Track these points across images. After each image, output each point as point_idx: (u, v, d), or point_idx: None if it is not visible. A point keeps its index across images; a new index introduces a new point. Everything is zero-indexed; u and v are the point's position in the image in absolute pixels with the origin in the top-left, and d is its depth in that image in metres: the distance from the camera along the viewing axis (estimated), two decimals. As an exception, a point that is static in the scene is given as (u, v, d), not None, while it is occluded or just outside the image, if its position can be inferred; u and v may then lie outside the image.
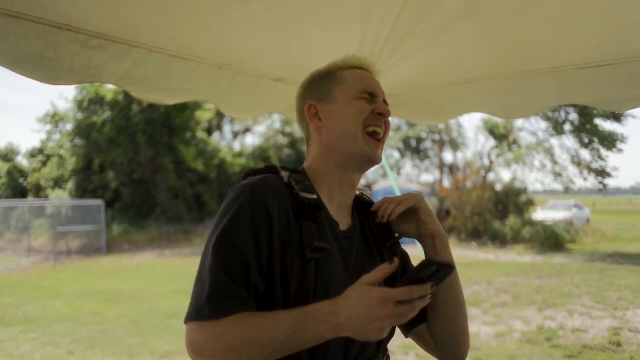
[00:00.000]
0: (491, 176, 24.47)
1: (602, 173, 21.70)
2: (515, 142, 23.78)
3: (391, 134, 28.84)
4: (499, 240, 19.92)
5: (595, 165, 21.77)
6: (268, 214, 1.19)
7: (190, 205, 23.43)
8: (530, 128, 29.06)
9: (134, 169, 22.93)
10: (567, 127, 21.78)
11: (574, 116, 21.23)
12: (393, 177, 4.46)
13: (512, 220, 21.02)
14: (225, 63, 2.68)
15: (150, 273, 13.79)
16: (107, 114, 22.26)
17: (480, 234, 20.83)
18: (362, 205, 1.51)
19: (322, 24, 2.39)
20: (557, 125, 21.94)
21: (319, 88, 1.44)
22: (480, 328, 7.27)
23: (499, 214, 22.42)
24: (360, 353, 1.31)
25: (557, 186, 23.65)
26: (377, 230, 1.47)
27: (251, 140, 34.96)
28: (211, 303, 1.10)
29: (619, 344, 6.57)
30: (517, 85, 2.97)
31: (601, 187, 22.02)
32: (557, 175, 22.95)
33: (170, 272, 13.70)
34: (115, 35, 2.17)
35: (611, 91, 2.70)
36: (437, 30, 2.46)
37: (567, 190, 22.98)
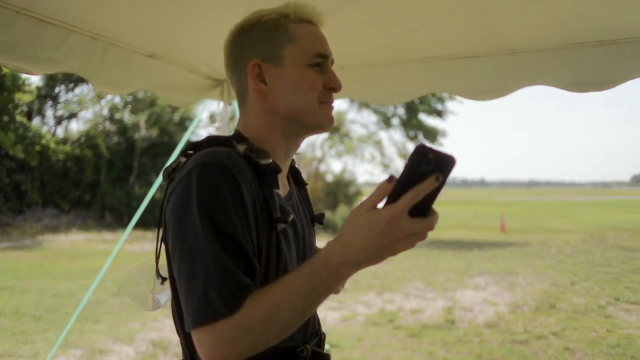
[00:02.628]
0: (323, 167, 25.27)
1: (425, 165, 23.37)
2: (346, 134, 24.74)
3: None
4: (331, 229, 20.65)
5: (419, 158, 23.40)
6: (240, 191, 1.06)
7: (7, 195, 21.42)
8: (361, 121, 30.44)
9: (-61, 155, 20.50)
10: (395, 121, 23.17)
11: (401, 111, 22.61)
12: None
13: (342, 210, 21.96)
14: (98, 33, 2.46)
15: (-39, 269, 12.40)
16: None
17: (311, 224, 21.43)
18: (294, 171, 1.45)
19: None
20: (386, 119, 23.24)
21: (265, 41, 1.23)
22: (326, 313, 7.52)
23: (330, 204, 23.28)
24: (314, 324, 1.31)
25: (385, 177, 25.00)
26: (306, 200, 1.44)
27: (76, 126, 32.78)
28: (224, 297, 0.97)
29: (453, 322, 7.07)
30: (390, 73, 3.06)
31: (424, 178, 23.69)
32: (385, 166, 24.32)
33: (-16, 268, 12.42)
34: (-21, -8, 1.90)
35: (477, 82, 2.87)
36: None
37: (395, 182, 24.40)
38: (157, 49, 2.81)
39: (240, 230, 1.03)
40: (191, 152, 1.17)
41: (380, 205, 0.95)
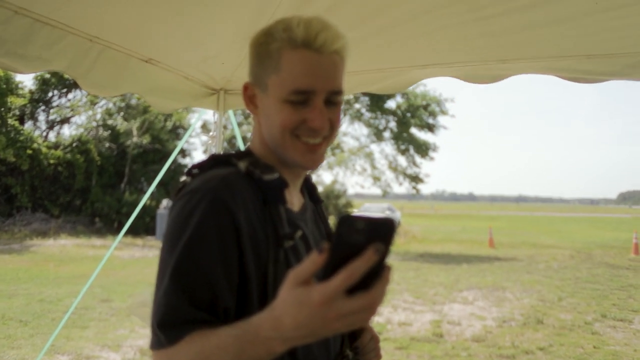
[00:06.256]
0: (313, 178, 25.24)
1: (415, 179, 23.47)
2: (338, 146, 24.80)
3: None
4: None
5: (410, 171, 23.50)
6: (234, 223, 1.03)
7: (-4, 198, 21.31)
8: (353, 133, 30.58)
9: None
10: (387, 134, 23.28)
11: (393, 124, 22.74)
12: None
13: (333, 222, 21.95)
14: (96, 36, 2.45)
15: (-51, 273, 12.28)
16: None
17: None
18: (309, 186, 1.41)
19: (205, 6, 2.28)
20: (378, 132, 23.35)
21: (256, 65, 1.17)
22: (313, 324, 7.48)
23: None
24: (335, 344, 1.28)
25: (377, 190, 25.08)
26: (322, 216, 1.40)
27: (68, 131, 32.56)
28: (165, 330, 0.99)
29: (441, 335, 7.08)
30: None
31: (414, 192, 23.78)
32: (376, 179, 24.37)
33: (-28, 272, 12.30)
34: (-23, -10, 1.90)
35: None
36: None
37: (385, 194, 24.48)
38: (155, 54, 2.81)
39: (220, 269, 1.02)
40: (196, 171, 1.16)
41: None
